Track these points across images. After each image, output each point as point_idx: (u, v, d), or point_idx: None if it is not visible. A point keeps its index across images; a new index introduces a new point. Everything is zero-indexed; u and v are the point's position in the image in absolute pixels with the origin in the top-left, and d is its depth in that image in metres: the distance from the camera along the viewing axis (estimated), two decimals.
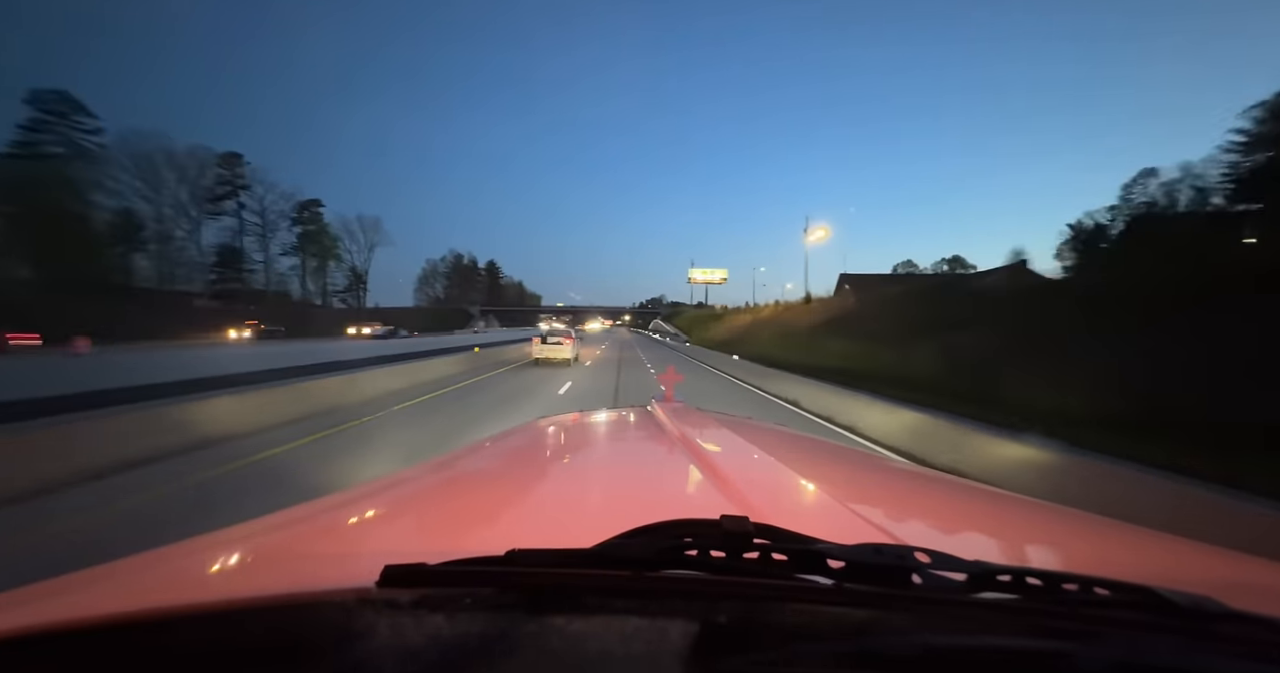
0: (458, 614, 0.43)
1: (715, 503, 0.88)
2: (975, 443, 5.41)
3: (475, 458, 1.44)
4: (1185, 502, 3.33)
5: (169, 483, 4.60)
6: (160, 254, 50.06)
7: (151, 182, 48.74)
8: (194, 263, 54.11)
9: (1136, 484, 3.68)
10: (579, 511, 0.91)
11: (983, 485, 1.27)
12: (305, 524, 0.86)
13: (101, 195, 42.34)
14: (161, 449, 5.41)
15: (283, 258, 68.04)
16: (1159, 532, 0.85)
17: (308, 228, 70.59)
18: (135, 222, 46.39)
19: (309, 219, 71.43)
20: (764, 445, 1.39)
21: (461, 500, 0.99)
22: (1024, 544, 0.87)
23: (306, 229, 70.42)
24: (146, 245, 47.90)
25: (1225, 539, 0.80)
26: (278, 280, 66.50)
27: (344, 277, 79.76)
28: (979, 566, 0.46)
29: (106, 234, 41.47)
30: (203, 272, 55.03)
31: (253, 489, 4.52)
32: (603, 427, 1.90)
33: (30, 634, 0.42)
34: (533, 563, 0.47)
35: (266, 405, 7.32)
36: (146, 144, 48.05)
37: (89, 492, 4.36)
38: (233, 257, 58.62)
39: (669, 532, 0.51)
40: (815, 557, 0.46)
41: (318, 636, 0.42)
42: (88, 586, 0.59)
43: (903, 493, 1.16)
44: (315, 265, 73.16)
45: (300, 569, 0.63)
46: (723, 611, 0.42)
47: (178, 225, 52.30)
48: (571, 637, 0.40)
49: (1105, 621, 0.42)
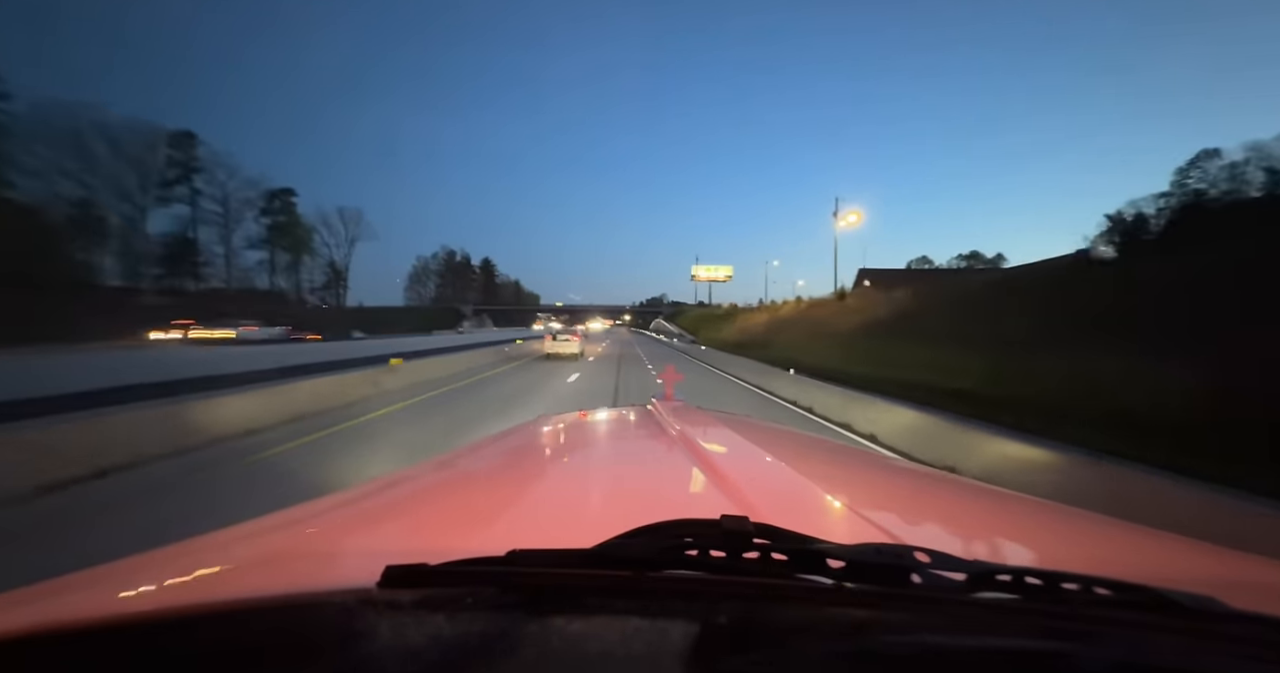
0: (459, 615, 0.43)
1: (715, 503, 0.87)
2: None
3: (475, 458, 1.45)
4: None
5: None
6: (97, 244, 43.96)
7: (84, 160, 42.37)
8: (138, 254, 47.37)
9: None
10: (579, 510, 0.91)
11: (983, 485, 1.24)
12: (305, 524, 0.85)
13: (13, 173, 36.50)
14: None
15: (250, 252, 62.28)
16: (1159, 531, 0.84)
17: (278, 218, 64.60)
18: (60, 206, 39.97)
19: (279, 209, 65.26)
20: (764, 445, 1.38)
21: (462, 500, 0.99)
22: (1024, 544, 0.85)
23: (276, 220, 64.43)
24: (76, 233, 40.71)
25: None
26: (242, 275, 60.75)
27: (322, 272, 74.29)
28: (979, 565, 0.47)
29: (14, 218, 35.27)
30: (148, 264, 48.30)
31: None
32: (602, 426, 1.86)
33: (31, 634, 0.42)
34: (533, 563, 0.47)
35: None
36: (76, 117, 41.70)
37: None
38: (184, 248, 51.88)
39: (669, 532, 0.51)
40: (815, 557, 0.47)
41: (319, 636, 0.42)
42: (88, 586, 0.59)
43: (903, 492, 1.16)
44: (288, 260, 67.59)
45: (300, 569, 0.63)
46: (723, 611, 0.42)
47: (117, 211, 46.02)
48: (572, 637, 0.40)
49: (1106, 620, 0.42)
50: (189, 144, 52.68)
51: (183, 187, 52.39)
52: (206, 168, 53.88)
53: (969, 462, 5.07)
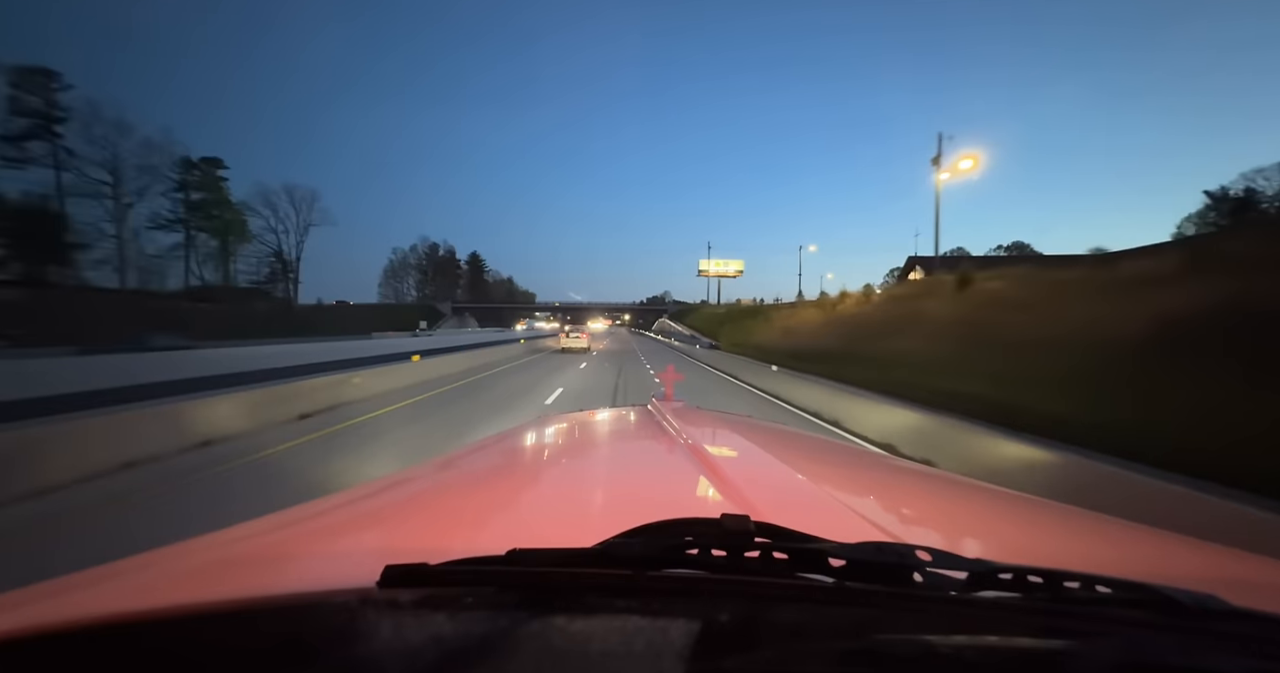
0: (459, 614, 0.43)
1: (716, 502, 0.87)
2: None
3: (475, 458, 1.42)
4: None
5: None
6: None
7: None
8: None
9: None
10: (579, 510, 0.91)
11: (983, 484, 1.22)
12: (305, 524, 0.85)
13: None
14: None
15: (159, 234, 49.26)
16: (1160, 530, 0.84)
17: (197, 194, 51.29)
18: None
19: (201, 183, 51.29)
20: (765, 444, 1.40)
21: (462, 500, 0.99)
22: (1025, 543, 0.84)
23: (195, 196, 51.21)
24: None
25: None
26: (147, 265, 47.84)
27: (263, 263, 61.30)
28: (980, 564, 0.47)
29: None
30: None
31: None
32: (603, 426, 1.86)
33: (31, 634, 0.42)
34: (534, 563, 0.47)
35: None
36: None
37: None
38: (37, 225, 36.16)
39: (670, 531, 0.51)
40: (816, 556, 0.47)
41: (319, 636, 0.42)
42: (88, 586, 0.59)
43: (904, 491, 1.15)
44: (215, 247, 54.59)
45: (300, 569, 0.63)
46: (724, 610, 0.42)
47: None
48: (573, 636, 0.40)
49: (1107, 619, 0.42)
50: (45, 84, 37.49)
51: (40, 142, 38.79)
52: (81, 121, 39.68)
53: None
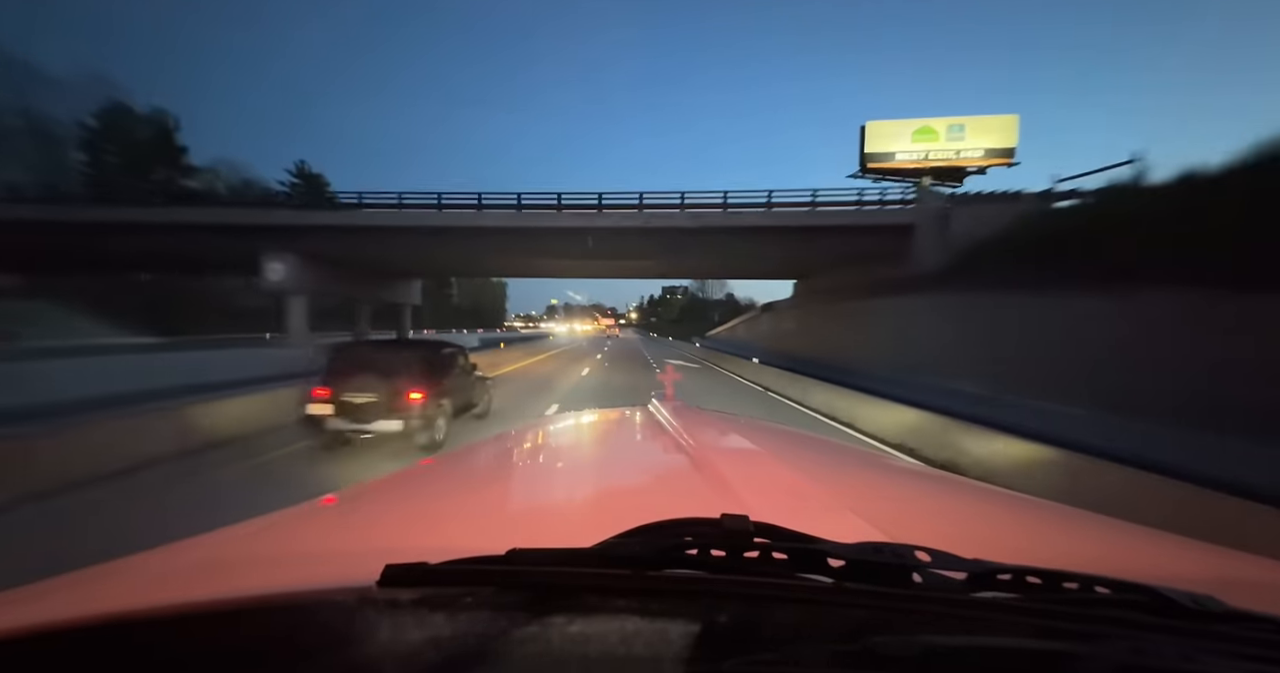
0: (459, 614, 0.43)
1: (715, 502, 0.85)
2: None
3: (475, 457, 1.44)
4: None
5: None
6: None
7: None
8: None
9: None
10: (579, 510, 0.92)
11: (983, 485, 1.24)
12: (305, 524, 0.85)
13: None
14: None
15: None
16: (1159, 531, 0.84)
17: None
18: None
19: None
20: (765, 445, 1.39)
21: (462, 500, 0.99)
22: (1024, 543, 0.83)
23: None
24: None
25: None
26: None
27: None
28: (979, 565, 0.46)
29: None
30: None
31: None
32: (603, 426, 1.88)
33: (31, 633, 0.42)
34: (533, 562, 0.47)
35: None
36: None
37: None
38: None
39: (669, 531, 0.50)
40: (815, 556, 0.46)
41: (319, 635, 0.42)
42: (88, 584, 0.59)
43: (903, 492, 1.15)
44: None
45: (300, 569, 0.63)
46: (723, 610, 0.42)
47: None
48: (572, 636, 0.40)
49: (1107, 620, 0.42)
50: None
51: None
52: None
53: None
